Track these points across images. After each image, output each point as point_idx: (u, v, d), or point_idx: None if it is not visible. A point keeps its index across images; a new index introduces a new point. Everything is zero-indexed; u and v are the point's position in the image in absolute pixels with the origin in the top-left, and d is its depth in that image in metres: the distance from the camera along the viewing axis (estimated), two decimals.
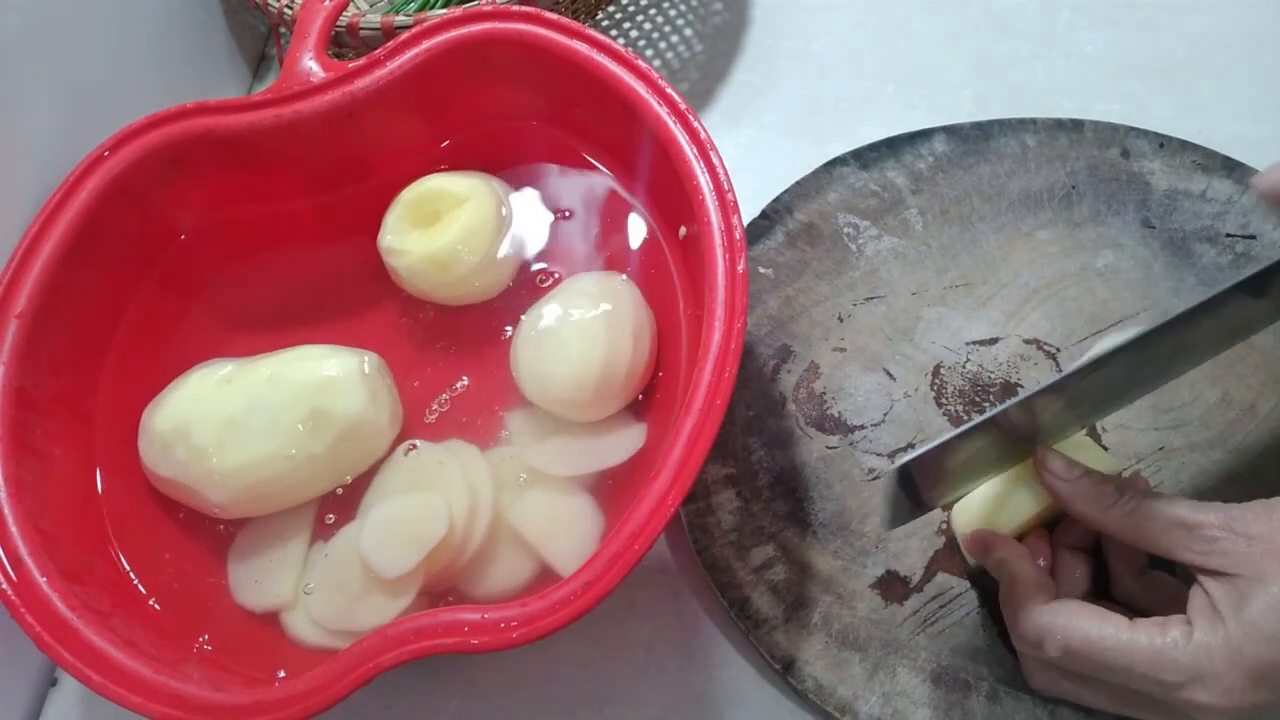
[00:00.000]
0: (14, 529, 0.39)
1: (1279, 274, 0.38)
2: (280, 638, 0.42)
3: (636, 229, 0.48)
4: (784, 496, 0.47)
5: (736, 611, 0.45)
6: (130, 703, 0.36)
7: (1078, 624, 0.36)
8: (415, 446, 0.45)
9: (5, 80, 0.46)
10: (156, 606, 0.42)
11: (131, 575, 0.43)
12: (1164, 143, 0.55)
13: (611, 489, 0.43)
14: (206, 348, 0.47)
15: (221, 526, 0.44)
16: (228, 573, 0.44)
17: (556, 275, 0.48)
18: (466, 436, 0.45)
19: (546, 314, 0.46)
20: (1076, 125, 0.56)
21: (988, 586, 0.44)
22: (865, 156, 0.56)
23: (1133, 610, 0.38)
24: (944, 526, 0.46)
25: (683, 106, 0.43)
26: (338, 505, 0.44)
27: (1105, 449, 0.46)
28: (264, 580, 0.43)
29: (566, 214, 0.50)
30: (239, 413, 0.42)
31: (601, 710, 0.45)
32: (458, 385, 0.47)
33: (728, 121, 0.62)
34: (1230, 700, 0.33)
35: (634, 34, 0.67)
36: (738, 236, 0.40)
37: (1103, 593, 0.41)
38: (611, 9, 0.67)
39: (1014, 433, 0.40)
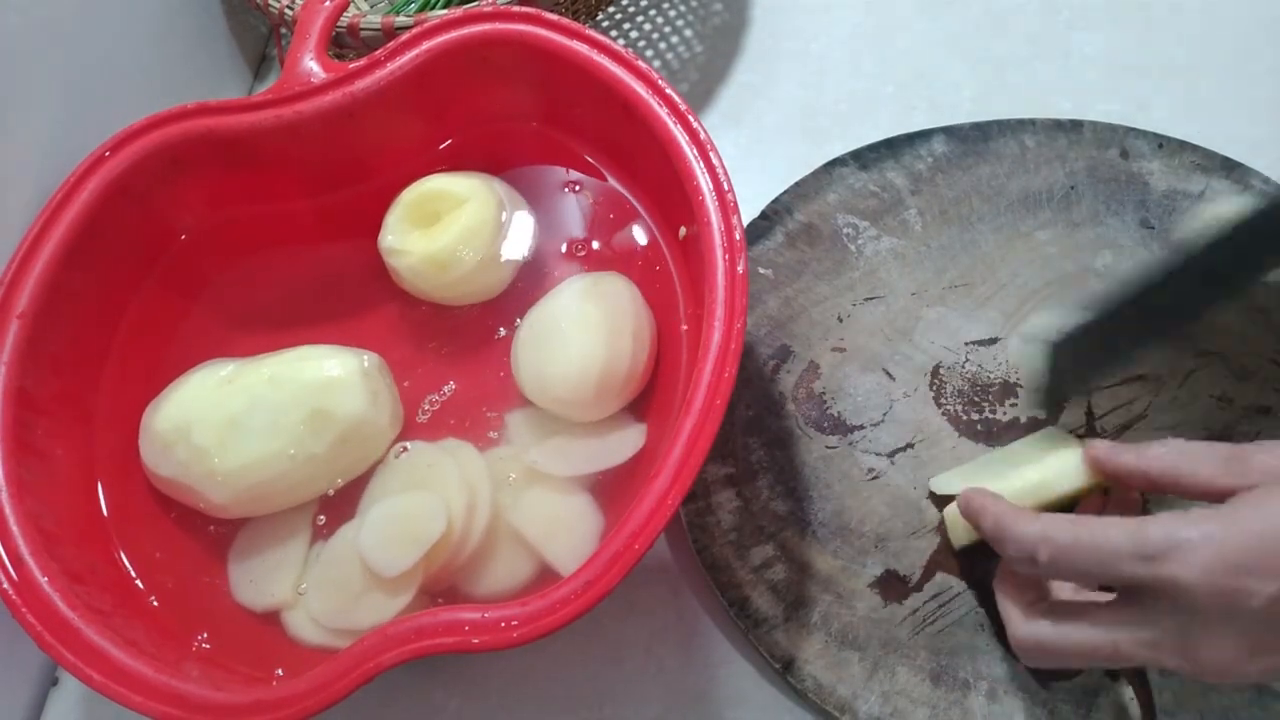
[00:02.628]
0: (15, 529, 0.39)
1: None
2: (280, 637, 0.42)
3: (636, 229, 0.48)
4: (784, 496, 0.47)
5: (736, 611, 0.45)
6: (131, 702, 0.36)
7: (1063, 523, 0.36)
8: (406, 449, 0.45)
9: (6, 81, 0.46)
10: (156, 605, 0.42)
11: (132, 574, 0.43)
12: (1163, 143, 0.55)
13: (611, 489, 0.43)
14: (207, 348, 0.48)
15: (221, 526, 0.44)
16: (228, 572, 0.44)
17: (560, 269, 0.48)
18: (465, 436, 0.46)
19: (547, 314, 0.46)
20: (1075, 126, 0.56)
21: (986, 586, 0.44)
22: (865, 157, 0.56)
23: None
24: (942, 526, 0.46)
25: (683, 107, 0.43)
26: (329, 506, 0.44)
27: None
28: (264, 580, 0.43)
29: (566, 215, 0.50)
30: (240, 413, 0.42)
31: (601, 710, 0.45)
32: (458, 385, 0.47)
33: (728, 122, 0.62)
34: (1215, 574, 0.32)
35: (634, 35, 0.67)
36: (738, 237, 0.40)
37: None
38: (611, 10, 0.68)
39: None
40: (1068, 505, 0.43)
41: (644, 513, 0.35)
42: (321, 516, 0.44)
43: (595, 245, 0.49)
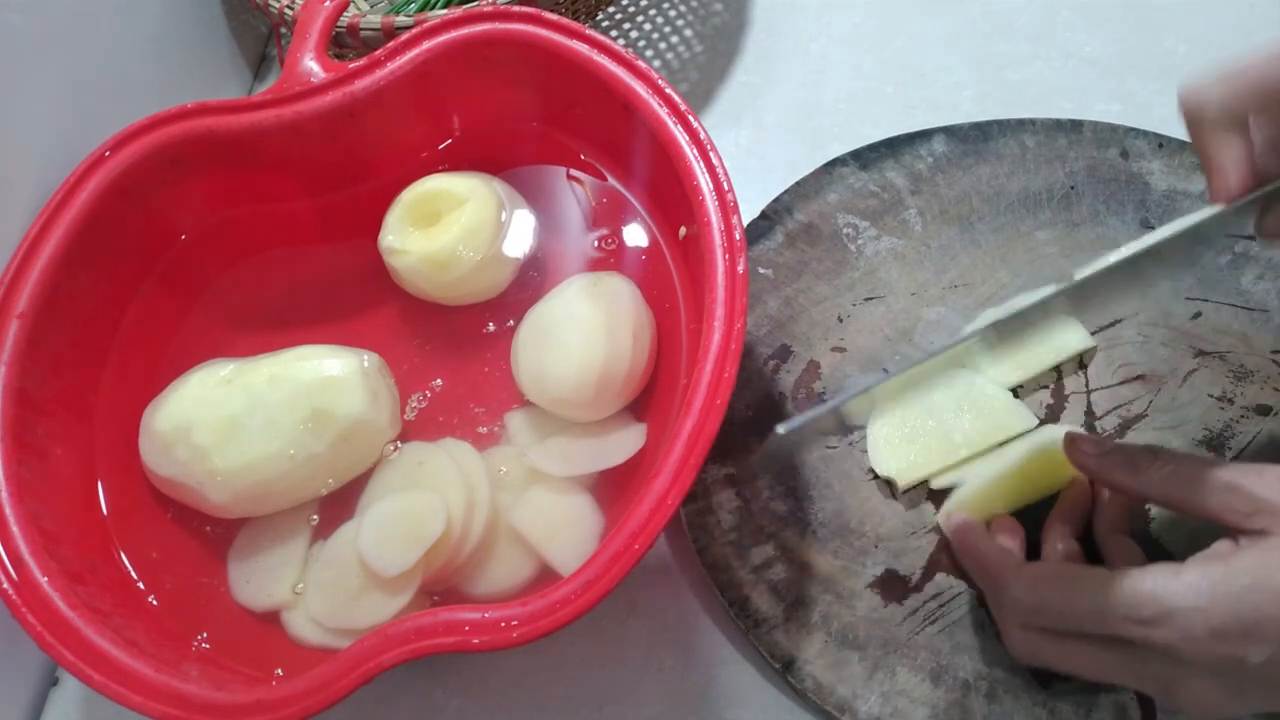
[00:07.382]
0: (15, 529, 0.39)
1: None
2: (280, 637, 0.42)
3: (636, 229, 0.48)
4: (784, 496, 0.47)
5: (736, 611, 0.45)
6: (131, 702, 0.36)
7: (1053, 584, 0.36)
8: (398, 447, 0.45)
9: (6, 80, 0.46)
10: (156, 605, 0.42)
11: (132, 574, 0.43)
12: (1163, 143, 0.55)
13: (611, 489, 0.43)
14: (207, 348, 0.48)
15: (220, 526, 0.44)
16: (227, 572, 0.44)
17: (557, 272, 0.48)
18: (464, 435, 0.46)
19: (547, 314, 0.46)
20: (1075, 126, 0.56)
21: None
22: (865, 157, 0.56)
23: None
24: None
25: (683, 107, 0.43)
26: (328, 506, 0.45)
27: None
28: (264, 580, 0.43)
29: (566, 214, 0.50)
30: (240, 413, 0.42)
31: (601, 710, 0.45)
32: (459, 385, 0.47)
33: (728, 121, 0.62)
34: (1208, 641, 0.32)
35: (634, 34, 0.67)
36: (738, 237, 0.40)
37: None
38: (612, 9, 0.68)
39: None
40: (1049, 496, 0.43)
41: (644, 513, 0.35)
42: (318, 516, 0.44)
43: (595, 245, 0.49)
